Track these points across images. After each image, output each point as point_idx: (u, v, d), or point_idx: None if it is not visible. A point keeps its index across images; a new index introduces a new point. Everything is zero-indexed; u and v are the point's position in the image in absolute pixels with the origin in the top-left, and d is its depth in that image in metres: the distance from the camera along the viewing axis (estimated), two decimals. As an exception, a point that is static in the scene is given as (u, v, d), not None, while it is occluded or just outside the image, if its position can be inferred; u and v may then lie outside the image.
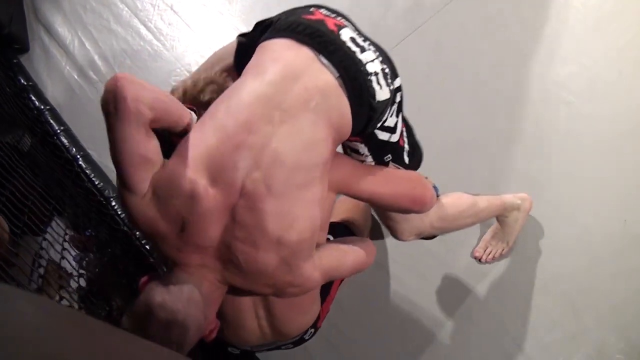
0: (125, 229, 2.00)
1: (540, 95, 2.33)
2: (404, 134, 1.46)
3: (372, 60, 1.27)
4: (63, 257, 1.63)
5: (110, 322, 1.39)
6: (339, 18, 1.32)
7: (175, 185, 1.12)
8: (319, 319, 1.63)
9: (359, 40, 1.28)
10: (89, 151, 2.31)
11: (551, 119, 2.29)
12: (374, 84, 1.25)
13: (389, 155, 1.42)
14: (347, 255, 1.39)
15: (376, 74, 1.26)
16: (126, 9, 2.56)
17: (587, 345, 1.98)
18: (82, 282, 1.68)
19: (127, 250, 1.99)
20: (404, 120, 1.47)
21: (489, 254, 2.09)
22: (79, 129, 2.35)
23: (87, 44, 2.49)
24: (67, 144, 2.28)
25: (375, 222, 2.16)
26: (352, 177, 1.39)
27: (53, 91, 2.43)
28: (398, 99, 1.35)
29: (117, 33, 2.51)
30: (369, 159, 1.41)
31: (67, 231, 1.89)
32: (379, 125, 1.32)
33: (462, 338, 2.06)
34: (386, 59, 1.33)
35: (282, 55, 1.22)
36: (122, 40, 2.49)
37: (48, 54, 2.49)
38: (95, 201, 2.16)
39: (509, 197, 2.00)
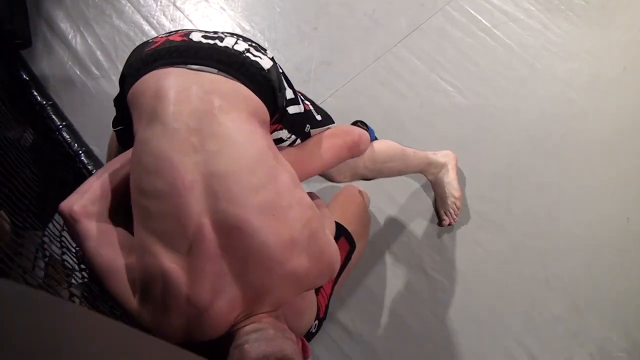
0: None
1: (542, 92, 2.33)
2: (302, 97, 1.44)
3: (236, 42, 1.25)
4: (64, 253, 1.62)
5: (114, 315, 1.39)
6: (181, 31, 1.29)
7: (161, 281, 1.06)
8: (319, 309, 1.62)
9: (211, 34, 1.26)
10: (91, 147, 2.31)
11: (554, 116, 2.29)
12: (252, 57, 1.22)
13: (307, 125, 1.42)
14: (326, 213, 1.44)
15: (247, 50, 1.24)
16: (129, 4, 2.55)
17: (589, 343, 1.98)
18: (84, 276, 1.67)
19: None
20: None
21: (450, 215, 2.14)
22: (81, 125, 2.35)
23: (89, 40, 2.49)
24: (69, 139, 2.27)
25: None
26: (297, 165, 1.34)
27: (55, 86, 2.43)
28: (281, 69, 1.33)
29: (120, 28, 2.50)
30: (293, 137, 1.38)
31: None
32: (285, 98, 1.30)
33: (462, 335, 2.05)
34: (246, 39, 1.31)
35: (157, 88, 1.13)
36: (124, 35, 2.49)
37: (50, 49, 2.49)
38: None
39: (433, 155, 2.08)
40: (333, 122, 1.54)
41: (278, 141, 1.35)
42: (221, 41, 1.23)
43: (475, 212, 2.18)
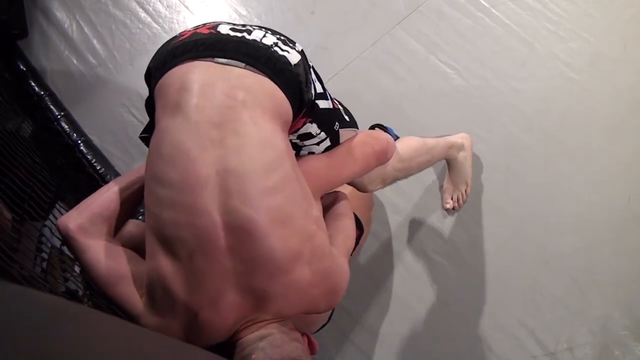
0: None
1: (542, 73, 2.31)
2: (330, 95, 1.42)
3: (264, 36, 1.22)
4: (64, 243, 1.63)
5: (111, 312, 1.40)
6: (209, 23, 1.27)
7: (162, 284, 1.06)
8: None
9: (239, 27, 1.24)
10: (90, 136, 2.31)
11: (553, 97, 2.27)
12: (280, 52, 1.20)
13: (337, 123, 1.38)
14: (349, 226, 1.40)
15: (275, 44, 1.21)
16: (124, -9, 2.54)
17: (591, 322, 1.99)
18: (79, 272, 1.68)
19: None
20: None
21: (457, 200, 2.16)
22: (79, 114, 2.35)
23: (85, 28, 2.48)
24: (67, 129, 2.27)
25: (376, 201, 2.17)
26: (327, 175, 1.37)
27: (52, 76, 2.43)
28: (310, 62, 1.31)
29: (116, 16, 2.49)
30: (322, 135, 1.34)
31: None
32: (313, 92, 1.28)
33: (464, 317, 2.07)
34: (275, 32, 1.28)
35: (183, 81, 1.12)
36: (120, 23, 2.47)
37: (47, 39, 2.48)
38: (98, 187, 2.16)
39: (451, 137, 2.07)
40: (358, 127, 1.52)
41: (307, 136, 1.32)
42: (249, 34, 1.21)
43: (475, 194, 2.18)
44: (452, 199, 2.16)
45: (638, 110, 2.21)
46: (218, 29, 1.21)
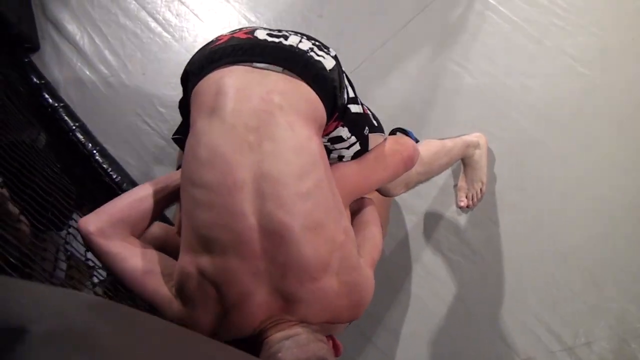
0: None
1: (552, 68, 2.32)
2: (361, 100, 1.45)
3: (300, 41, 1.25)
4: (88, 250, 1.66)
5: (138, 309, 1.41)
6: (245, 28, 1.30)
7: (196, 279, 1.08)
8: None
9: (275, 32, 1.26)
10: (105, 146, 2.33)
11: (563, 92, 2.28)
12: (316, 57, 1.22)
13: (366, 128, 1.40)
14: (376, 234, 1.40)
15: (311, 49, 1.24)
16: (134, 2, 2.56)
17: (608, 316, 1.99)
18: (103, 276, 1.70)
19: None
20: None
21: (472, 198, 2.17)
22: (94, 124, 2.37)
23: (96, 39, 2.50)
24: (82, 139, 2.29)
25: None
26: (355, 185, 1.39)
27: (66, 88, 2.45)
28: (342, 67, 1.33)
29: (126, 27, 2.51)
30: (352, 139, 1.36)
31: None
32: (346, 96, 1.30)
33: (481, 314, 2.07)
34: (310, 37, 1.31)
35: (220, 85, 1.14)
36: (131, 33, 2.50)
37: (59, 52, 2.51)
38: (115, 195, 2.18)
39: (467, 137, 2.09)
40: (384, 132, 1.53)
41: (338, 139, 1.34)
42: (286, 39, 1.23)
43: (489, 191, 2.18)
44: (466, 197, 2.17)
45: (650, 102, 2.21)
46: (255, 34, 1.23)
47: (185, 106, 1.28)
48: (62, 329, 0.45)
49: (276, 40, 1.22)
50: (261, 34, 1.24)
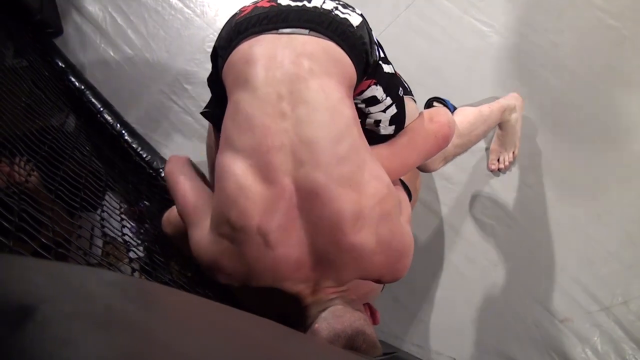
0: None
1: (580, 22, 2.25)
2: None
3: (324, 2, 1.23)
4: (124, 226, 1.68)
5: (176, 287, 1.43)
6: None
7: (233, 201, 1.10)
8: None
9: None
10: (133, 125, 2.35)
11: (593, 47, 2.22)
12: (342, 15, 1.21)
13: (400, 89, 1.37)
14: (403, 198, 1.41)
15: (335, 8, 1.22)
16: (153, -21, 2.55)
17: (646, 273, 1.96)
18: (141, 252, 1.72)
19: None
20: None
21: (504, 162, 2.13)
22: (121, 105, 2.39)
23: (118, 19, 2.50)
24: (110, 121, 2.31)
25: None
26: (389, 168, 1.33)
27: (91, 70, 2.46)
28: (369, 26, 1.30)
29: (147, 5, 2.51)
30: (388, 100, 1.32)
31: (122, 205, 1.94)
32: (377, 53, 1.28)
33: (517, 277, 2.06)
34: None
35: (249, 55, 1.15)
36: (152, 11, 2.49)
37: (82, 34, 2.52)
38: (145, 174, 2.21)
39: (504, 100, 2.03)
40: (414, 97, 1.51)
41: (372, 100, 1.31)
42: (309, 2, 1.22)
43: (523, 154, 2.15)
44: (498, 160, 2.13)
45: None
46: (278, 1, 1.22)
47: (214, 82, 1.29)
48: (79, 307, 0.45)
49: (299, 3, 1.21)
50: (284, 1, 1.23)
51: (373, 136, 1.36)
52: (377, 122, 1.34)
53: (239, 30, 1.20)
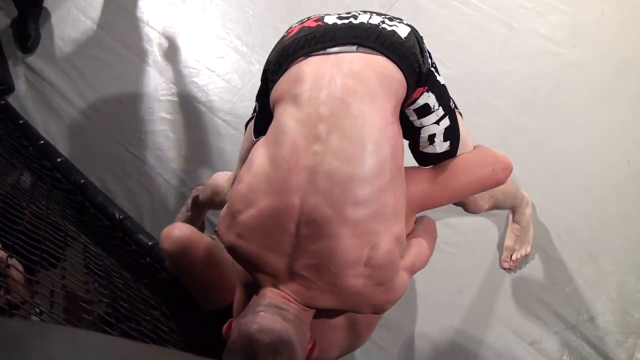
0: (135, 248, 2.02)
1: (526, 50, 2.32)
2: None
3: (370, 17, 1.23)
4: (87, 282, 1.65)
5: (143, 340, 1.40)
6: (314, 16, 1.29)
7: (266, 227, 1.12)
8: None
9: (344, 15, 1.26)
10: (90, 178, 2.32)
11: (540, 73, 2.28)
12: (389, 28, 1.20)
13: (452, 101, 1.34)
14: (425, 245, 1.38)
15: (382, 22, 1.22)
16: (105, 33, 2.57)
17: (608, 290, 1.98)
18: (106, 308, 1.69)
19: (140, 266, 2.00)
20: None
21: (517, 260, 2.07)
22: (76, 159, 2.36)
23: (70, 74, 2.50)
24: (66, 175, 2.29)
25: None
26: (431, 196, 1.34)
27: (45, 125, 2.45)
28: (419, 34, 1.29)
29: (99, 58, 2.51)
30: (440, 111, 1.28)
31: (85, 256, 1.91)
32: (429, 61, 1.26)
33: (483, 303, 2.06)
34: (380, 13, 1.28)
35: (299, 74, 1.16)
36: (105, 64, 2.50)
37: (34, 90, 2.51)
38: (104, 226, 2.17)
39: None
40: None
41: (425, 110, 1.26)
42: (355, 19, 1.22)
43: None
44: (511, 258, 2.07)
45: (625, 73, 2.21)
46: (325, 21, 1.23)
47: (260, 97, 1.34)
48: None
49: (346, 21, 1.22)
50: (330, 19, 1.23)
51: (429, 157, 1.34)
52: (432, 138, 1.30)
53: (287, 53, 1.21)
